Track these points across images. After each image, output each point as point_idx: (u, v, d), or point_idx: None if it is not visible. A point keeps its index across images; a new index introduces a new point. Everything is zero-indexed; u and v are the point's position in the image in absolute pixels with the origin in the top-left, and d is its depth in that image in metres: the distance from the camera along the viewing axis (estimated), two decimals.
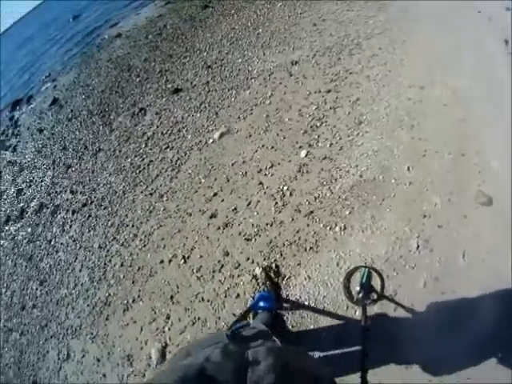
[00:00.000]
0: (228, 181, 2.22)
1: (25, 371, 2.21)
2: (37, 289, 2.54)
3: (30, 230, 2.88)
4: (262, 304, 1.63)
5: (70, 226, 2.69)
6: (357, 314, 1.72)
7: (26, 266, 2.72)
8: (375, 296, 1.65)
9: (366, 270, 1.66)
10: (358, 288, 1.60)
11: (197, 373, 0.51)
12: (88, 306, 2.21)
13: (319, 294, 1.74)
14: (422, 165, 2.12)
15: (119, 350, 1.95)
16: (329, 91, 2.60)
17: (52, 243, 2.70)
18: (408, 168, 2.14)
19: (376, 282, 1.71)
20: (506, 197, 1.90)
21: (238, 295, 1.81)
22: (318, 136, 2.33)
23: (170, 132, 2.70)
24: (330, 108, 2.49)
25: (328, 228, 1.92)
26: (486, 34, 2.86)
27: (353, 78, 2.69)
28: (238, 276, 1.84)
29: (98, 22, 5.20)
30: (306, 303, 1.75)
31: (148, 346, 1.88)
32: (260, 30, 3.46)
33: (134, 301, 2.06)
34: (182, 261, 2.03)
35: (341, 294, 1.76)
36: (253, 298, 1.75)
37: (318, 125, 2.40)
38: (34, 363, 2.19)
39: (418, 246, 1.83)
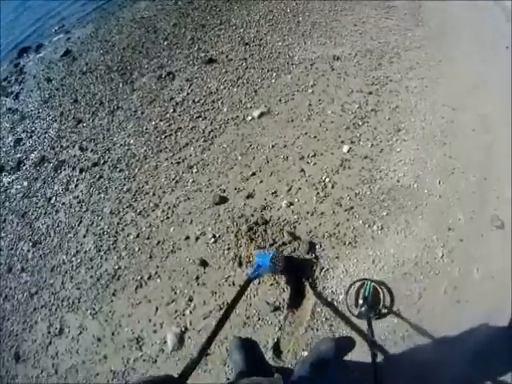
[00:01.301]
0: (268, 162, 2.07)
1: (6, 340, 1.90)
2: (28, 250, 2.21)
3: (26, 183, 2.51)
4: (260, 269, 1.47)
5: (76, 186, 2.37)
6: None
7: (17, 224, 2.36)
8: (382, 310, 1.65)
9: (369, 283, 1.67)
10: (361, 301, 1.61)
11: None
12: (91, 277, 1.95)
13: None
14: (451, 181, 2.17)
15: (126, 331, 1.74)
16: (370, 93, 2.54)
17: (52, 202, 2.36)
18: (439, 182, 2.17)
19: (385, 297, 1.70)
20: None
21: (272, 284, 1.66)
22: (360, 134, 2.27)
23: (202, 101, 2.47)
24: (372, 110, 2.43)
25: (367, 225, 1.89)
26: None
27: (393, 85, 2.65)
28: None
29: None
30: (342, 297, 1.65)
31: (163, 329, 1.71)
32: (300, 19, 3.28)
33: (149, 277, 1.84)
34: (212, 240, 1.85)
35: None
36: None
37: (360, 124, 2.33)
38: (17, 333, 1.91)
39: (443, 255, 1.88)
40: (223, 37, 3.06)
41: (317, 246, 1.77)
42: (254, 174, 2.02)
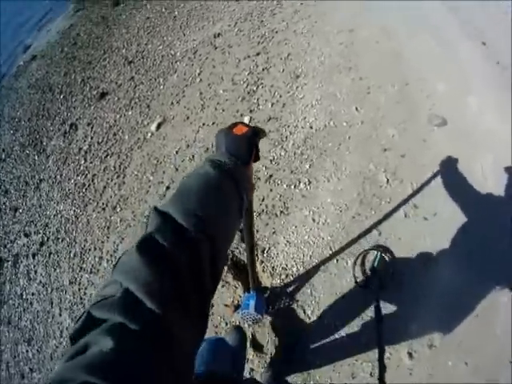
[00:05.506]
0: (177, 170, 1.87)
1: None
2: (27, 351, 2.05)
3: None
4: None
5: (36, 272, 2.20)
6: (348, 264, 1.45)
7: (8, 331, 2.20)
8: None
9: (379, 254, 1.39)
10: (369, 272, 1.35)
11: None
12: None
13: (305, 256, 1.48)
14: (369, 102, 1.93)
15: None
16: (258, 54, 2.26)
17: (24, 297, 2.19)
18: (356, 108, 1.96)
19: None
20: (459, 114, 1.79)
21: (224, 285, 1.47)
22: (257, 99, 2.03)
23: (105, 139, 2.24)
24: (263, 69, 2.17)
25: (292, 187, 1.67)
26: None
27: (280, 36, 2.39)
28: None
29: (10, 51, 4.24)
30: (295, 269, 1.45)
31: None
32: (176, 13, 2.96)
33: None
34: None
35: (326, 248, 1.48)
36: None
37: (255, 89, 2.08)
38: None
39: (388, 180, 1.66)
40: (109, 65, 2.78)
41: None
42: (168, 187, 1.81)
